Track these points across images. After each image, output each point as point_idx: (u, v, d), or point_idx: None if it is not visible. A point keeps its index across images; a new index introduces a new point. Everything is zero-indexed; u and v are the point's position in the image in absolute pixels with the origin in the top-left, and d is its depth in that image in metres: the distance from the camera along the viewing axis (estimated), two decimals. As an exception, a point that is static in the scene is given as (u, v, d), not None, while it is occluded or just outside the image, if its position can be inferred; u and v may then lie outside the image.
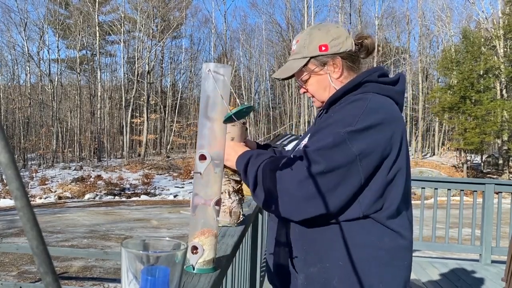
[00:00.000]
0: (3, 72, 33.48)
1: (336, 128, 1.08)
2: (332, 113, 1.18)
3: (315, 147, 1.07)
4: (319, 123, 1.21)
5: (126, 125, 30.24)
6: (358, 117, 1.09)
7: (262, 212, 3.06)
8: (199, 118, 0.96)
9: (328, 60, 1.27)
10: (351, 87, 1.22)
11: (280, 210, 1.09)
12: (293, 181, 1.05)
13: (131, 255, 0.56)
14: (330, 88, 1.30)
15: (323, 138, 1.08)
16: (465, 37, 23.77)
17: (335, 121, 1.11)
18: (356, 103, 1.14)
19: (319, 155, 1.04)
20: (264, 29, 36.38)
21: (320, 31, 1.29)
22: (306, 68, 1.29)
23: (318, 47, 1.27)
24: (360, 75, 1.25)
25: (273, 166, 1.11)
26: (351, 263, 1.13)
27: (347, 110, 1.13)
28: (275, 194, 1.08)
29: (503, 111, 22.15)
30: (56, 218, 12.27)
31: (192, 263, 0.93)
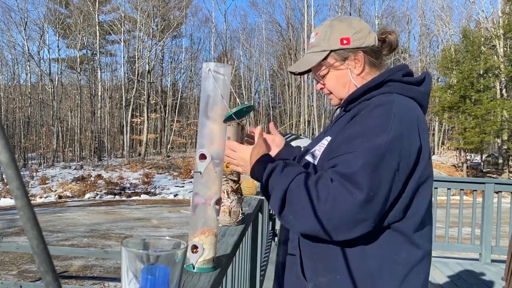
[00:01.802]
0: (3, 72, 33.51)
1: (370, 141, 1.01)
2: (358, 118, 1.09)
3: (357, 167, 0.98)
4: (343, 127, 1.13)
5: (126, 124, 30.23)
6: (389, 126, 1.02)
7: (262, 211, 3.06)
8: (199, 117, 0.96)
9: (350, 55, 1.20)
10: (373, 85, 1.16)
11: (317, 234, 1.01)
12: (339, 210, 0.97)
13: (131, 254, 0.56)
14: (350, 85, 1.23)
15: (361, 155, 0.99)
16: (465, 37, 23.75)
17: (364, 130, 1.04)
18: (382, 108, 1.06)
19: (364, 177, 0.97)
20: (264, 29, 36.38)
21: (341, 23, 1.22)
22: (325, 62, 1.21)
23: (339, 40, 1.19)
24: (383, 73, 1.18)
25: (310, 190, 1.00)
26: (364, 276, 1.07)
27: (375, 117, 1.05)
28: (312, 221, 0.99)
29: (503, 111, 22.14)
30: (56, 217, 12.27)
31: (192, 262, 0.94)
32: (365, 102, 1.14)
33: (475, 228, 4.81)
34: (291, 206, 1.02)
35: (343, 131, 1.09)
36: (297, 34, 34.13)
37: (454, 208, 5.48)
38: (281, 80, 36.29)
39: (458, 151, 25.48)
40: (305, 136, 26.83)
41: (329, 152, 1.10)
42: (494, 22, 25.15)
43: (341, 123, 1.18)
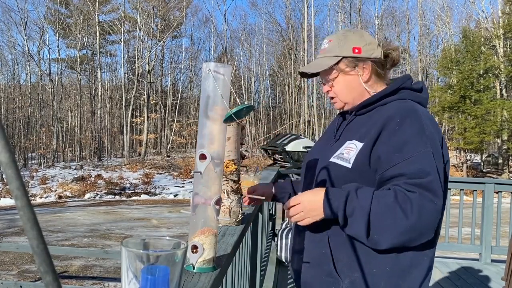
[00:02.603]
0: (3, 72, 33.49)
1: (419, 145, 1.13)
2: (396, 126, 1.18)
3: (427, 174, 1.09)
4: (367, 130, 1.23)
5: (126, 124, 30.23)
6: (425, 129, 1.16)
7: (262, 211, 3.06)
8: (199, 117, 0.96)
9: (359, 63, 1.31)
10: (388, 92, 1.29)
11: (403, 244, 1.11)
12: (425, 219, 1.08)
13: (131, 254, 0.56)
14: (357, 91, 1.33)
15: (419, 160, 1.11)
16: (465, 37, 23.74)
17: (409, 137, 1.15)
18: (413, 116, 1.19)
19: (437, 183, 1.10)
20: (264, 29, 36.35)
21: (354, 34, 1.34)
22: (336, 67, 1.32)
23: (352, 49, 1.30)
24: (396, 81, 1.31)
25: (393, 208, 1.07)
26: (397, 269, 1.16)
27: (412, 124, 1.17)
28: (401, 235, 1.09)
29: (503, 111, 22.13)
30: (56, 217, 12.27)
31: (192, 262, 0.94)
32: (383, 108, 1.27)
33: (475, 228, 4.81)
34: (378, 228, 1.09)
35: (388, 140, 1.17)
36: (297, 34, 34.13)
37: (454, 208, 5.48)
38: (281, 80, 36.29)
39: (458, 151, 25.49)
40: (305, 136, 26.85)
41: (378, 161, 1.17)
42: (494, 22, 25.15)
43: (359, 126, 1.29)
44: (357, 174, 1.20)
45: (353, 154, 1.22)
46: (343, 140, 1.31)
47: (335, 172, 1.25)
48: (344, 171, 1.22)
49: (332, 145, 1.34)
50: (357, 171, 1.20)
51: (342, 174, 1.22)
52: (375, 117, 1.26)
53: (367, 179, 1.20)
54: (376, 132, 1.20)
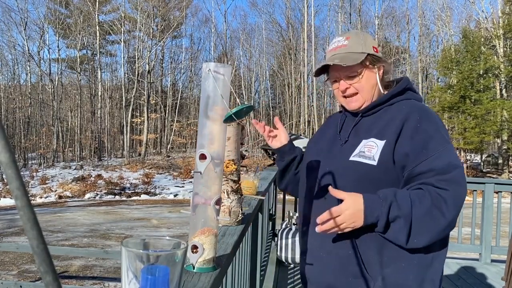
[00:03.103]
0: (3, 72, 33.48)
1: (441, 141, 1.21)
2: (417, 124, 1.23)
3: (452, 167, 1.16)
4: (383, 128, 1.27)
5: (126, 124, 30.23)
6: (440, 125, 1.26)
7: (262, 211, 3.06)
8: (199, 117, 0.96)
9: (377, 62, 1.36)
10: (397, 92, 1.35)
11: (436, 239, 1.17)
12: (458, 211, 1.15)
13: (131, 254, 0.56)
14: (376, 88, 1.36)
15: (445, 154, 1.18)
16: (465, 37, 23.75)
17: (431, 134, 1.21)
18: (428, 114, 1.27)
19: (461, 173, 1.17)
20: (264, 29, 36.36)
21: (368, 35, 1.40)
22: (363, 62, 1.33)
23: (372, 47, 1.35)
24: (402, 83, 1.37)
25: (432, 211, 1.12)
26: (423, 261, 1.21)
27: (430, 122, 1.24)
28: (440, 233, 1.15)
29: (503, 111, 22.13)
30: (56, 218, 12.27)
31: (192, 262, 0.94)
32: (391, 108, 1.32)
33: (475, 228, 4.81)
34: (419, 233, 1.13)
35: (412, 137, 1.21)
36: (297, 34, 34.13)
37: (454, 208, 5.46)
38: (281, 80, 36.29)
39: (458, 151, 25.46)
40: (305, 136, 26.82)
41: (405, 158, 1.20)
42: (494, 22, 25.14)
43: (369, 126, 1.32)
44: (382, 171, 1.22)
45: (375, 151, 1.24)
46: (355, 140, 1.32)
47: (359, 170, 1.24)
48: (369, 169, 1.23)
49: (343, 146, 1.34)
50: (382, 168, 1.22)
51: (366, 172, 1.23)
52: (386, 116, 1.30)
53: (391, 175, 1.22)
54: (397, 129, 1.23)
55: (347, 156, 1.29)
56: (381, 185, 1.22)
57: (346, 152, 1.31)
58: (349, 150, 1.30)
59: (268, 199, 3.92)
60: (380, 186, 1.21)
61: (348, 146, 1.32)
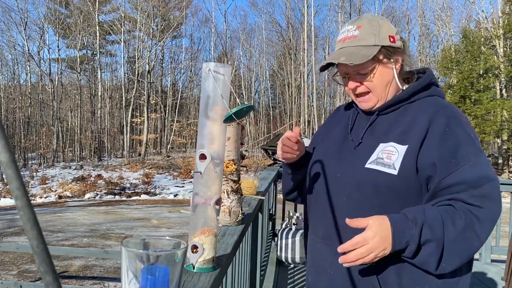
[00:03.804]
0: (3, 72, 33.49)
1: (471, 149, 1.05)
2: (446, 128, 1.07)
3: (485, 181, 1.02)
4: (404, 131, 1.11)
5: (126, 124, 30.23)
6: (470, 129, 1.10)
7: (262, 211, 3.06)
8: (199, 117, 0.96)
9: (394, 55, 1.17)
10: (420, 88, 1.17)
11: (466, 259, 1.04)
12: (491, 229, 1.03)
13: (131, 254, 0.56)
14: (391, 85, 1.18)
15: (477, 165, 1.04)
16: (465, 37, 23.74)
17: (461, 141, 1.06)
18: (455, 116, 1.10)
19: (496, 188, 1.05)
20: (264, 29, 36.38)
21: (384, 21, 1.19)
22: (375, 58, 1.14)
23: (388, 37, 1.16)
24: (428, 76, 1.19)
25: (466, 234, 0.99)
26: (448, 283, 1.07)
27: (459, 126, 1.08)
28: (468, 256, 1.03)
29: (503, 111, 22.12)
30: (56, 217, 12.27)
31: (192, 262, 0.94)
32: (412, 106, 1.15)
33: (475, 228, 4.80)
34: (450, 258, 0.99)
35: (439, 144, 1.06)
36: (297, 34, 34.13)
37: (454, 208, 5.47)
38: (281, 80, 36.29)
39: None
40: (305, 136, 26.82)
41: (432, 168, 1.05)
42: (494, 22, 25.13)
43: (388, 127, 1.15)
44: (403, 181, 1.06)
45: (395, 158, 1.07)
46: (370, 142, 1.15)
47: (377, 181, 1.08)
48: (388, 179, 1.07)
49: (356, 149, 1.18)
50: (403, 178, 1.06)
51: (386, 182, 1.07)
52: (407, 116, 1.13)
53: (414, 186, 1.07)
54: (421, 133, 1.07)
55: (362, 163, 1.12)
56: (402, 198, 1.07)
57: (360, 157, 1.14)
58: (364, 155, 1.14)
59: (268, 199, 3.92)
60: (401, 199, 1.07)
61: (362, 149, 1.15)
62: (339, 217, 1.14)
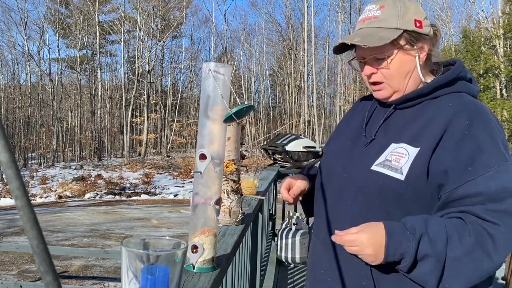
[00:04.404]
0: (3, 72, 33.48)
1: (494, 157, 0.92)
2: (466, 131, 0.94)
3: (507, 197, 0.88)
4: (420, 130, 1.00)
5: (126, 124, 30.23)
6: (497, 135, 0.95)
7: (262, 211, 3.06)
8: (199, 117, 0.96)
9: (419, 42, 1.04)
10: (445, 82, 1.04)
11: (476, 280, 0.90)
12: (509, 249, 0.91)
13: (132, 254, 0.56)
14: (412, 76, 1.05)
15: (498, 176, 0.90)
16: (465, 37, 23.75)
17: (481, 146, 0.92)
18: (481, 117, 0.97)
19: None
20: (264, 29, 36.35)
21: (411, 3, 1.06)
22: (396, 43, 1.03)
23: (413, 21, 1.03)
24: (456, 68, 1.07)
25: (475, 251, 0.87)
26: None
27: (482, 129, 0.95)
28: (477, 278, 0.89)
29: (503, 111, 22.13)
30: (56, 217, 12.27)
31: (192, 262, 0.94)
32: (434, 102, 1.04)
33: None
34: (453, 277, 0.88)
35: (456, 148, 0.93)
36: (297, 34, 34.12)
37: (454, 208, 5.47)
38: (281, 80, 36.28)
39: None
40: (305, 136, 26.83)
41: (444, 175, 0.93)
42: (494, 22, 25.14)
43: (404, 124, 1.05)
44: (411, 188, 0.96)
45: (404, 161, 0.97)
46: (382, 141, 1.05)
47: (382, 184, 0.99)
48: (394, 184, 0.97)
49: (368, 147, 1.08)
50: (411, 184, 0.96)
51: (392, 188, 0.97)
52: (427, 113, 1.02)
53: (423, 194, 0.96)
54: (437, 135, 0.96)
55: (369, 163, 1.03)
56: (409, 206, 0.97)
57: (369, 157, 1.05)
58: (373, 155, 1.04)
59: (268, 199, 3.92)
60: (408, 207, 0.97)
61: (373, 148, 1.06)
62: (341, 221, 1.06)
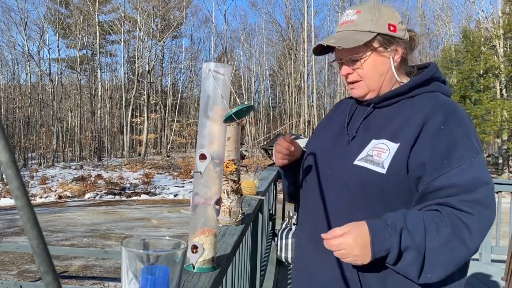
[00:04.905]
0: (3, 72, 33.48)
1: (469, 150, 0.99)
2: (441, 126, 1.02)
3: (480, 187, 0.96)
4: (400, 128, 1.06)
5: (126, 124, 30.23)
6: (471, 130, 1.04)
7: (262, 211, 3.06)
8: (199, 117, 0.96)
9: (392, 44, 1.12)
10: (420, 82, 1.11)
11: (450, 271, 0.97)
12: (483, 237, 0.97)
13: (132, 254, 0.56)
14: (386, 76, 1.13)
15: (472, 168, 0.97)
16: (465, 37, 23.75)
17: (457, 140, 1.00)
18: (456, 114, 1.04)
19: (491, 196, 0.98)
20: (264, 29, 36.36)
21: (387, 8, 1.14)
22: (369, 45, 1.11)
23: (387, 25, 1.11)
24: (430, 69, 1.14)
25: (451, 242, 0.93)
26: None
27: (458, 125, 1.02)
28: (454, 265, 0.96)
29: (503, 111, 22.13)
30: (56, 217, 12.27)
31: (192, 262, 0.94)
32: (410, 101, 1.11)
33: (475, 228, 4.80)
34: (433, 267, 0.94)
35: (433, 143, 1.00)
36: (297, 34, 34.13)
37: (454, 208, 5.48)
38: (281, 80, 36.28)
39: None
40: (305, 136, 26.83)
41: (422, 168, 1.00)
42: (494, 22, 25.13)
43: (383, 122, 1.11)
44: (392, 181, 1.02)
45: (385, 156, 1.04)
46: (363, 137, 1.12)
47: (365, 178, 1.05)
48: (376, 178, 1.03)
49: (350, 143, 1.14)
50: (392, 177, 1.02)
51: (374, 181, 1.04)
52: (404, 111, 1.09)
53: (403, 187, 1.03)
54: (415, 131, 1.03)
55: (351, 159, 1.09)
56: (390, 198, 1.04)
57: (351, 152, 1.11)
58: (355, 151, 1.10)
59: (268, 199, 3.92)
60: (390, 199, 1.04)
61: (354, 145, 1.12)
62: (326, 215, 1.11)
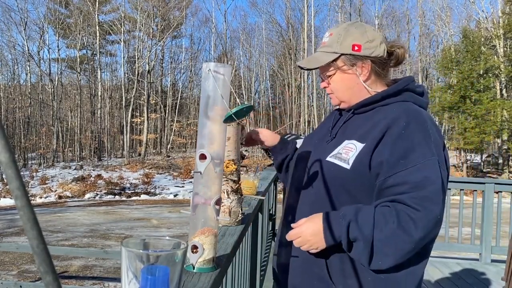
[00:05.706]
0: (3, 72, 33.46)
1: (424, 152, 1.10)
2: (402, 131, 1.13)
3: (430, 185, 1.06)
4: (367, 131, 1.19)
5: (126, 124, 30.22)
6: (430, 135, 1.13)
7: (262, 211, 3.06)
8: (199, 117, 0.96)
9: (358, 62, 1.25)
10: (391, 92, 1.24)
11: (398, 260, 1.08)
12: (428, 231, 1.06)
13: (131, 254, 0.56)
14: (353, 89, 1.27)
15: (424, 168, 1.08)
16: (465, 37, 23.74)
17: (415, 143, 1.11)
18: (418, 120, 1.16)
19: (439, 193, 1.07)
20: (264, 29, 36.33)
21: (357, 29, 1.26)
22: (334, 64, 1.26)
23: (351, 46, 1.23)
24: (401, 82, 1.27)
25: (397, 233, 1.04)
26: (393, 277, 1.13)
27: (418, 130, 1.13)
28: (407, 254, 1.07)
29: (503, 111, 22.12)
30: (56, 218, 12.27)
31: (192, 262, 0.94)
32: (384, 108, 1.23)
33: (475, 228, 4.81)
34: (382, 255, 1.05)
35: (393, 145, 1.12)
36: (297, 34, 34.12)
37: (454, 208, 5.48)
38: (281, 80, 36.28)
39: (458, 151, 25.47)
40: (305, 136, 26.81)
41: (380, 166, 1.12)
42: (494, 22, 25.13)
43: (357, 126, 1.24)
44: (355, 176, 1.16)
45: (352, 154, 1.17)
46: (339, 138, 1.26)
47: (332, 172, 1.20)
48: (342, 172, 1.17)
49: (328, 143, 1.29)
50: (355, 173, 1.15)
51: (340, 175, 1.18)
52: (376, 117, 1.21)
53: (365, 182, 1.16)
54: (379, 134, 1.15)
55: (325, 155, 1.25)
56: (353, 192, 1.17)
57: (327, 151, 1.26)
58: (330, 149, 1.25)
59: (268, 199, 3.92)
60: (354, 192, 1.17)
61: (331, 144, 1.27)
62: (302, 206, 1.27)
